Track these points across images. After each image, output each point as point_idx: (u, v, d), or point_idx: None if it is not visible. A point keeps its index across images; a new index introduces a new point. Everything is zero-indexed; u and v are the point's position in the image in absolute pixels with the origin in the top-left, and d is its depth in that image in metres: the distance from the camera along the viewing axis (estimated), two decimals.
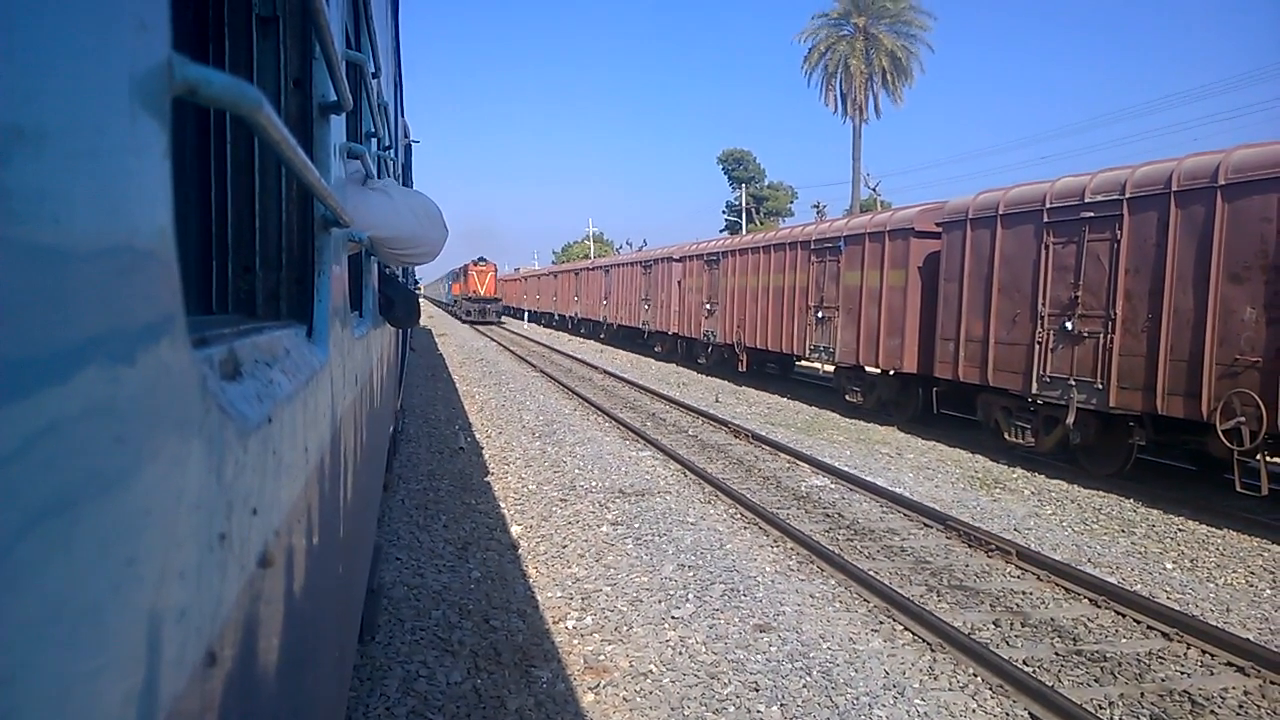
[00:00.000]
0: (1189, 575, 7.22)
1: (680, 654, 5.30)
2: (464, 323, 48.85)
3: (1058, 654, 5.48)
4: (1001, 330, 11.60)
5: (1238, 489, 8.40)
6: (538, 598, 6.27)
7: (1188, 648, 5.56)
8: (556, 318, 45.68)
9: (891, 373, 14.54)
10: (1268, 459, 8.41)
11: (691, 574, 6.76)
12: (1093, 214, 10.15)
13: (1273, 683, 5.06)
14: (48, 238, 0.46)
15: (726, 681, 4.93)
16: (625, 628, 5.71)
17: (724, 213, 70.14)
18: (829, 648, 5.42)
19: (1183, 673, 5.25)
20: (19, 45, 0.43)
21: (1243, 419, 8.21)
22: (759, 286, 19.21)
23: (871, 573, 6.73)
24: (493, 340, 35.73)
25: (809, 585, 6.59)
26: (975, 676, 5.06)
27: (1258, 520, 8.47)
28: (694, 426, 14.28)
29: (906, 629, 5.75)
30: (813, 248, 16.82)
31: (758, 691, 4.83)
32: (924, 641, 5.54)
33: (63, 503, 0.47)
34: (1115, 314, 9.79)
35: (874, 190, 50.55)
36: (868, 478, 10.11)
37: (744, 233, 45.58)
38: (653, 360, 27.26)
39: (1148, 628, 5.87)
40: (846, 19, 50.18)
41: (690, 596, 6.26)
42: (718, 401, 17.55)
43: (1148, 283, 9.44)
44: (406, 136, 9.46)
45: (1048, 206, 10.81)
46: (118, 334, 0.55)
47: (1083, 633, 5.84)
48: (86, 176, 0.51)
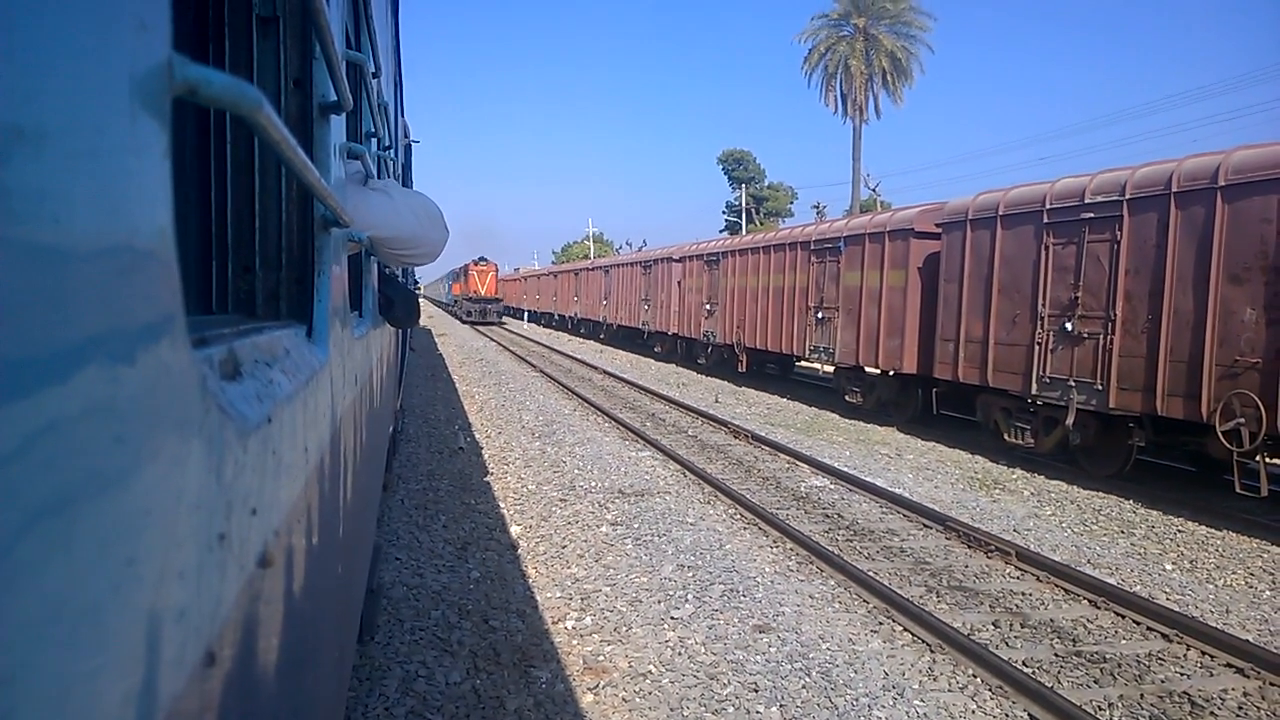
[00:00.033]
0: (1188, 576, 7.22)
1: (679, 654, 5.30)
2: (464, 323, 48.74)
3: (1057, 655, 5.48)
4: (1001, 331, 11.60)
5: (1237, 490, 8.40)
6: (537, 598, 6.27)
7: (1187, 649, 5.56)
8: (556, 318, 45.67)
9: (891, 373, 14.53)
10: (1267, 460, 8.41)
11: (691, 574, 6.76)
12: (1093, 215, 10.15)
13: (1272, 684, 5.06)
14: (48, 238, 0.46)
15: (726, 682, 4.93)
16: (624, 628, 5.71)
17: (724, 213, 70.23)
18: (828, 648, 5.42)
19: (1182, 674, 5.25)
20: (19, 45, 0.43)
21: (1242, 420, 8.21)
22: (759, 287, 19.21)
23: (871, 573, 6.73)
24: (492, 340, 35.73)
25: (808, 586, 6.59)
26: (975, 677, 5.06)
27: (1257, 521, 8.48)
28: (694, 427, 14.28)
29: (906, 630, 5.75)
30: (813, 248, 16.82)
31: (757, 692, 4.83)
32: (923, 642, 5.54)
33: (62, 502, 0.47)
34: (1115, 315, 9.80)
35: (874, 191, 50.59)
36: (867, 478, 10.11)
37: (744, 233, 45.59)
38: (652, 360, 27.26)
39: (1147, 629, 5.87)
40: (846, 20, 50.22)
41: (690, 597, 6.26)
42: (717, 402, 17.55)
43: (1148, 284, 9.45)
44: (406, 136, 9.46)
45: (1048, 207, 10.81)
46: (118, 334, 0.55)
47: (1082, 634, 5.84)
48: (86, 176, 0.51)
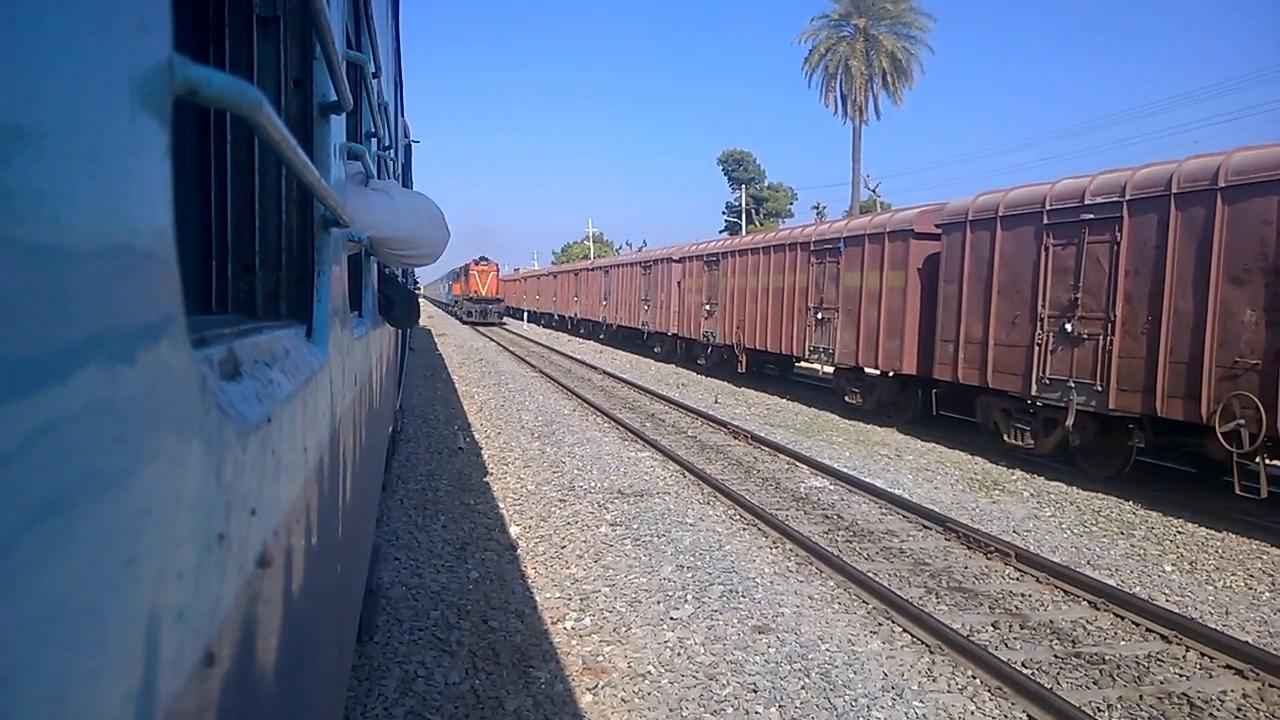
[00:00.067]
0: (1188, 578, 7.22)
1: (679, 655, 5.30)
2: (464, 324, 48.64)
3: (1056, 656, 5.48)
4: (1001, 332, 11.60)
5: (1237, 491, 8.40)
6: (536, 598, 6.27)
7: (1187, 650, 5.56)
8: (556, 318, 45.66)
9: (891, 374, 14.54)
10: (1267, 462, 8.41)
11: (690, 575, 6.76)
12: (1092, 216, 10.16)
13: (1271, 685, 5.06)
14: (48, 238, 0.46)
15: (725, 683, 4.93)
16: (624, 628, 5.71)
17: (724, 213, 70.26)
18: (827, 649, 5.42)
19: (1181, 675, 5.25)
20: (19, 45, 0.43)
21: (1242, 421, 8.21)
22: (758, 287, 19.21)
23: (870, 574, 6.73)
24: (492, 341, 35.73)
25: (808, 586, 6.59)
26: (974, 678, 5.06)
27: (1257, 523, 8.48)
28: (693, 427, 14.28)
29: (905, 631, 5.75)
30: (812, 249, 16.82)
31: (756, 693, 4.83)
32: (923, 643, 5.54)
33: (62, 502, 0.47)
34: (1115, 316, 9.80)
35: (874, 191, 50.60)
36: (867, 479, 10.11)
37: (744, 234, 45.60)
38: (652, 361, 27.26)
39: (1147, 630, 5.87)
40: (847, 20, 50.24)
41: (689, 597, 6.26)
42: (717, 402, 17.55)
43: (1147, 285, 9.45)
44: (406, 137, 9.46)
45: (1047, 208, 10.81)
46: (118, 334, 0.55)
47: (1082, 635, 5.84)
48: (86, 176, 0.51)
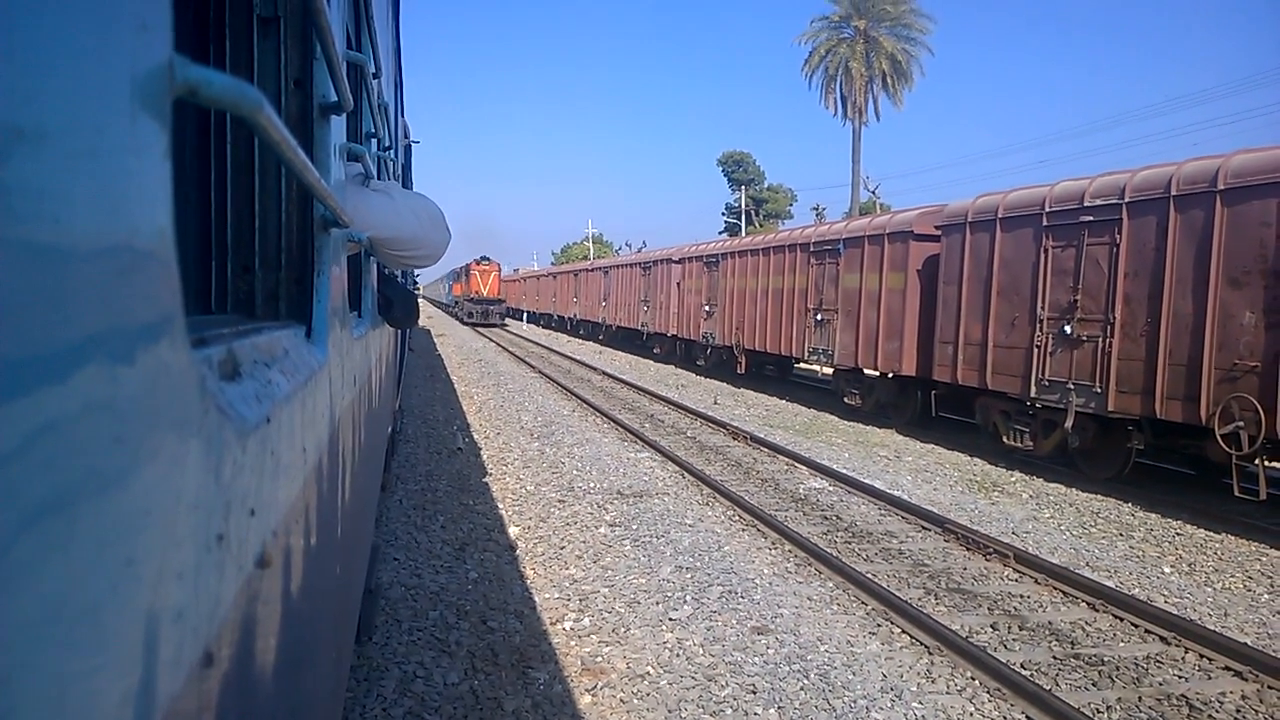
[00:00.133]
0: (1187, 579, 7.22)
1: (678, 656, 5.30)
2: (465, 325, 48.50)
3: (1055, 657, 5.48)
4: (1000, 333, 11.61)
5: (1236, 493, 8.40)
6: (535, 599, 6.27)
7: (1185, 652, 5.56)
8: (555, 319, 45.65)
9: (890, 375, 14.54)
10: (1266, 464, 8.41)
11: (689, 576, 6.75)
12: (1092, 218, 10.16)
13: (1270, 687, 5.06)
14: (48, 238, 0.46)
15: (724, 684, 4.93)
16: (623, 629, 5.70)
17: (723, 214, 70.26)
18: (827, 650, 5.42)
19: (1180, 677, 5.25)
20: (19, 45, 0.43)
21: (1241, 423, 8.22)
22: (758, 288, 19.22)
23: (869, 575, 6.73)
24: (491, 341, 35.73)
25: (807, 588, 6.59)
26: (973, 680, 5.06)
27: (1256, 525, 8.48)
28: (692, 428, 14.28)
29: (904, 632, 5.75)
30: (812, 250, 16.83)
31: (755, 694, 4.82)
32: (922, 644, 5.54)
33: (62, 502, 0.47)
34: (1114, 318, 9.80)
35: (873, 193, 50.58)
36: (866, 480, 10.11)
37: (743, 235, 45.63)
38: (651, 362, 27.26)
39: (1146, 632, 5.87)
40: (847, 22, 50.26)
41: (688, 598, 6.26)
42: (716, 403, 17.55)
43: (1147, 287, 9.45)
44: (406, 137, 9.46)
45: (1047, 210, 10.81)
46: (117, 334, 0.55)
47: (1081, 636, 5.84)
48: (86, 176, 0.51)
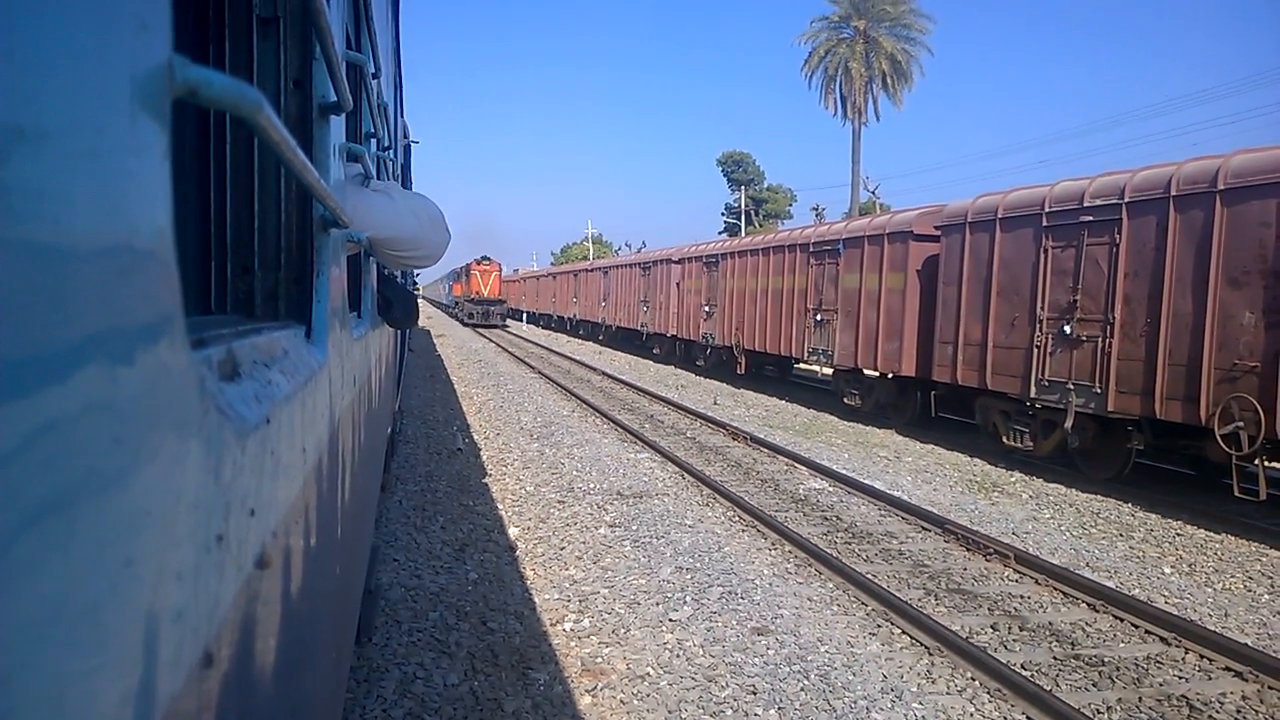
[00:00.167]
0: (1187, 580, 7.22)
1: (678, 656, 5.30)
2: (465, 326, 48.33)
3: (1056, 658, 5.48)
4: (1000, 334, 11.61)
5: (1236, 494, 8.40)
6: (535, 599, 6.27)
7: (1186, 652, 5.56)
8: (555, 319, 45.64)
9: (890, 376, 14.54)
10: (1266, 464, 8.41)
11: (689, 576, 6.75)
12: (1092, 218, 10.16)
13: (1270, 688, 5.06)
14: (48, 238, 0.46)
15: (724, 685, 4.93)
16: (623, 630, 5.70)
17: (723, 215, 70.26)
18: (827, 651, 5.41)
19: (1181, 677, 5.25)
20: (19, 45, 0.43)
21: (1241, 424, 8.22)
22: (758, 289, 19.22)
23: (869, 576, 6.73)
24: (491, 342, 35.72)
25: (807, 588, 6.59)
26: (973, 680, 5.05)
27: (1256, 525, 8.48)
28: (692, 429, 14.28)
29: (904, 632, 5.74)
30: (811, 250, 16.83)
31: (755, 694, 4.82)
32: (922, 645, 5.54)
33: (61, 502, 0.47)
34: (1114, 318, 9.80)
35: (873, 193, 50.59)
36: (866, 481, 10.11)
37: (743, 235, 45.62)
38: (651, 362, 27.26)
39: (1146, 632, 5.87)
40: (846, 22, 50.28)
41: (688, 599, 6.26)
42: (716, 404, 17.55)
43: (1146, 287, 9.45)
44: (406, 137, 9.46)
45: (1046, 210, 10.82)
46: (117, 334, 0.55)
47: (1081, 637, 5.84)
48: (86, 176, 0.51)
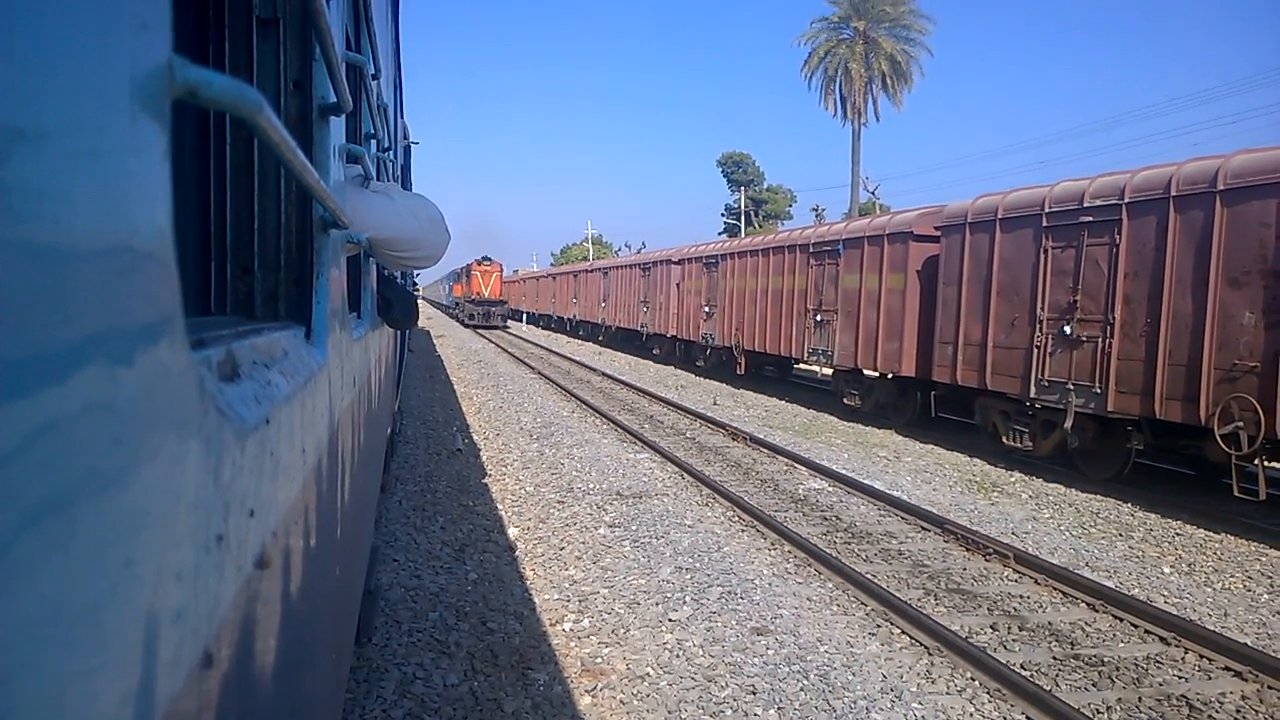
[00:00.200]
0: (1187, 580, 7.22)
1: (677, 657, 5.30)
2: (466, 327, 48.15)
3: (1055, 658, 5.48)
4: (1000, 334, 11.61)
5: (1235, 494, 8.41)
6: (535, 600, 6.27)
7: (1185, 652, 5.56)
8: (555, 320, 45.63)
9: (890, 376, 14.54)
10: (1265, 464, 8.41)
11: (689, 576, 6.75)
12: (1091, 218, 10.16)
13: (1270, 687, 5.06)
14: (48, 238, 0.46)
15: (724, 685, 4.93)
16: (622, 630, 5.70)
17: (723, 215, 70.25)
18: (826, 651, 5.41)
19: (1180, 677, 5.25)
20: (19, 45, 0.43)
21: (1241, 424, 8.22)
22: (758, 289, 19.22)
23: (869, 576, 6.73)
24: (491, 342, 35.72)
25: (806, 588, 6.59)
26: (973, 680, 5.05)
27: (1255, 525, 8.48)
28: (692, 429, 14.28)
29: (904, 632, 5.74)
30: (811, 251, 16.83)
31: (755, 695, 4.82)
32: (921, 645, 5.54)
33: (61, 503, 0.47)
34: (1114, 318, 9.80)
35: (873, 194, 50.60)
36: (866, 481, 10.11)
37: (743, 235, 45.63)
38: (651, 363, 27.26)
39: (1145, 632, 5.87)
40: (846, 23, 50.29)
41: (688, 599, 6.26)
42: (715, 404, 17.55)
43: (1146, 287, 9.45)
44: (406, 138, 9.46)
45: (1046, 211, 10.82)
46: (117, 334, 0.55)
47: (1080, 637, 5.84)
48: (86, 177, 0.51)
